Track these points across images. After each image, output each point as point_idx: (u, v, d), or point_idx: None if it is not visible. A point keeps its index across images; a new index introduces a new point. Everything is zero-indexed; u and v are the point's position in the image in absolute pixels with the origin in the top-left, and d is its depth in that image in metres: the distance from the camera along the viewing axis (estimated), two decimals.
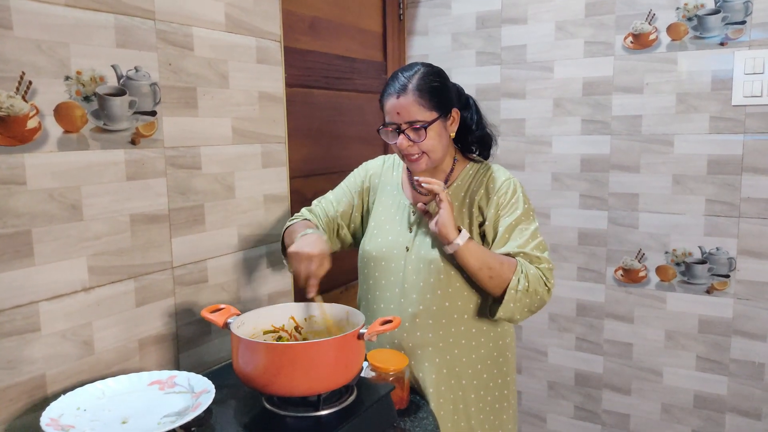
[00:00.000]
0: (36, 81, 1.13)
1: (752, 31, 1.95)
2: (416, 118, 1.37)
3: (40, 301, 1.16)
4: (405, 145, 1.39)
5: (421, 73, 1.40)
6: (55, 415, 1.06)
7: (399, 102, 1.38)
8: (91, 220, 1.24)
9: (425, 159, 1.41)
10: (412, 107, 1.37)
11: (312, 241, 1.31)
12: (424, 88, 1.38)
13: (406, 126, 1.38)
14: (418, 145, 1.39)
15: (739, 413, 2.10)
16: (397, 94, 1.38)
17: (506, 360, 1.52)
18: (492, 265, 1.33)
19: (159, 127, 1.37)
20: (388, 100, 1.40)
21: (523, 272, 1.34)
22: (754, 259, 2.03)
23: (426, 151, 1.40)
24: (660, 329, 2.20)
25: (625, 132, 2.18)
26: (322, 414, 1.14)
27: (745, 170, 2.00)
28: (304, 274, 1.27)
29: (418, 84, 1.38)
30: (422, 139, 1.38)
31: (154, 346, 1.40)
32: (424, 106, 1.38)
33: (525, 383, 2.49)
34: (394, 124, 1.39)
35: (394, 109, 1.38)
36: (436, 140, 1.40)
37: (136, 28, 1.31)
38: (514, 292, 1.33)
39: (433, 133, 1.39)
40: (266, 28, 1.66)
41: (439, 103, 1.40)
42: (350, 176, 1.64)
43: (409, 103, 1.37)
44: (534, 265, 1.37)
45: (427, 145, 1.39)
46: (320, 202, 1.61)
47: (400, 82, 1.39)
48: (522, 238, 1.39)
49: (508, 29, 2.35)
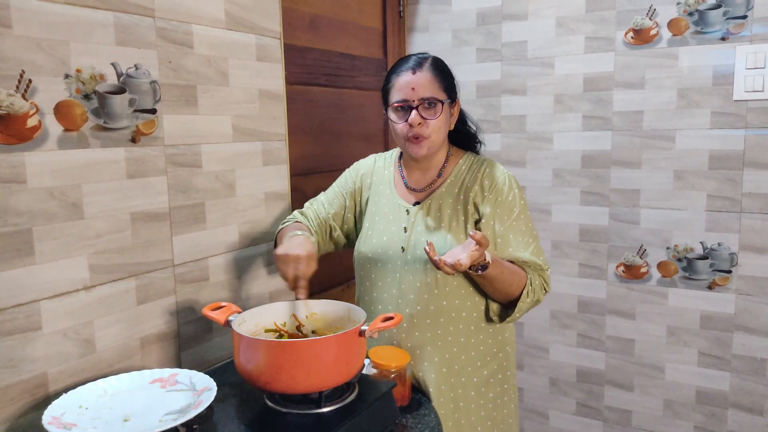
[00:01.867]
0: (36, 79, 1.13)
1: (753, 26, 1.94)
2: (432, 94, 1.37)
3: (41, 299, 1.16)
4: (417, 121, 1.37)
5: (433, 58, 1.43)
6: (57, 414, 1.06)
7: (415, 77, 1.37)
8: (91, 218, 1.24)
9: (428, 143, 1.40)
10: (429, 83, 1.37)
11: (299, 242, 1.31)
12: (439, 68, 1.41)
13: (420, 102, 1.37)
14: (427, 124, 1.38)
15: (742, 409, 2.10)
16: (413, 69, 1.38)
17: (506, 355, 1.52)
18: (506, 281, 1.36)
19: (159, 125, 1.37)
20: (400, 76, 1.39)
21: (532, 285, 1.39)
22: (755, 255, 2.02)
23: (431, 134, 1.39)
24: (662, 325, 2.20)
25: (626, 128, 2.18)
26: (323, 411, 1.14)
27: (747, 165, 2.00)
28: (292, 275, 1.27)
29: (433, 63, 1.41)
30: (437, 115, 1.38)
31: (156, 344, 1.40)
32: (439, 85, 1.39)
33: (527, 380, 2.49)
34: (406, 101, 1.38)
35: (409, 85, 1.38)
36: (442, 123, 1.41)
37: (135, 26, 1.31)
38: (522, 304, 1.39)
39: (442, 115, 1.40)
40: (266, 25, 1.65)
41: (449, 87, 1.42)
42: (341, 177, 1.63)
43: (426, 79, 1.37)
44: (537, 273, 1.42)
45: (435, 126, 1.39)
46: (312, 204, 1.60)
47: (414, 60, 1.40)
48: (524, 242, 1.42)
49: (509, 25, 2.34)
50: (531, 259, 1.41)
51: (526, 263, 1.41)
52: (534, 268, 1.42)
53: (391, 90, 1.42)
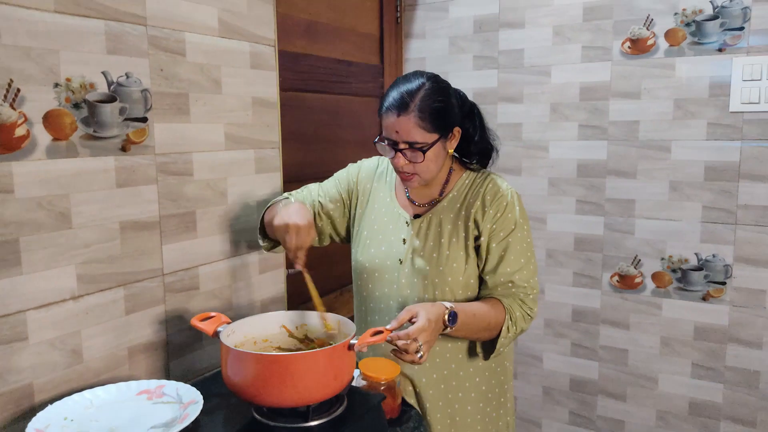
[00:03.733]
0: (24, 88, 1.12)
1: (750, 38, 1.94)
2: (416, 140, 1.31)
3: (27, 310, 1.15)
4: (401, 164, 1.34)
5: (425, 92, 1.31)
6: (41, 426, 1.05)
7: (399, 121, 1.30)
8: (80, 228, 1.23)
9: (417, 179, 1.38)
10: (412, 129, 1.30)
11: (296, 210, 1.29)
12: (426, 110, 1.30)
13: (405, 146, 1.32)
14: (413, 165, 1.35)
15: (734, 421, 2.09)
16: (398, 111, 1.30)
17: (504, 369, 1.51)
18: (483, 328, 1.34)
19: (150, 133, 1.36)
20: (387, 115, 1.33)
21: (512, 320, 1.36)
22: (750, 267, 2.02)
23: (419, 173, 1.36)
24: (655, 336, 2.19)
25: (622, 138, 2.17)
26: (311, 425, 1.13)
27: (742, 177, 1.99)
28: (295, 246, 1.25)
29: (420, 105, 1.30)
30: (420, 160, 1.33)
31: (144, 354, 1.39)
32: (425, 129, 1.31)
33: (520, 389, 2.48)
34: (392, 141, 1.34)
35: (393, 127, 1.32)
36: (432, 161, 1.36)
37: (127, 34, 1.30)
38: (504, 339, 1.36)
39: (431, 155, 1.34)
40: (260, 32, 1.65)
41: (441, 124, 1.33)
42: (344, 170, 1.59)
43: (410, 124, 1.30)
44: (519, 299, 1.38)
45: (423, 166, 1.35)
46: (304, 188, 1.58)
47: (402, 98, 1.31)
48: (514, 262, 1.38)
49: (506, 33, 2.34)
50: (519, 283, 1.38)
51: (510, 283, 1.38)
52: (515, 295, 1.38)
53: (381, 118, 1.36)
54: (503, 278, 1.38)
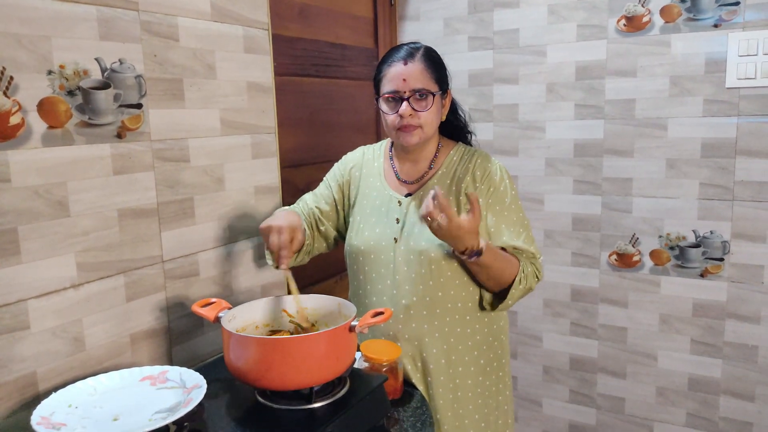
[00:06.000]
0: (17, 76, 1.11)
1: (746, 12, 1.93)
2: (423, 86, 1.37)
3: (28, 299, 1.15)
4: (408, 113, 1.37)
5: (426, 48, 1.42)
6: (46, 413, 1.05)
7: (407, 68, 1.37)
8: (78, 216, 1.23)
9: (419, 132, 1.40)
10: (420, 74, 1.37)
11: (281, 215, 1.36)
12: (430, 60, 1.40)
13: (411, 93, 1.37)
14: (419, 115, 1.38)
15: (733, 395, 2.12)
16: (405, 60, 1.38)
17: (501, 343, 1.53)
18: (499, 268, 1.37)
19: (145, 120, 1.36)
20: (392, 67, 1.39)
21: (524, 273, 1.40)
22: (747, 243, 2.02)
23: (423, 125, 1.39)
24: (654, 313, 2.20)
25: (618, 116, 2.17)
26: (314, 407, 1.14)
27: (739, 153, 1.99)
28: (275, 245, 1.29)
29: (425, 53, 1.40)
30: (428, 107, 1.38)
31: (146, 341, 1.39)
32: (431, 77, 1.38)
33: (520, 368, 2.50)
34: (397, 92, 1.38)
35: (400, 76, 1.37)
36: (434, 114, 1.41)
37: (119, 20, 1.28)
38: (515, 291, 1.40)
39: (434, 106, 1.39)
40: (253, 16, 1.63)
41: (441, 78, 1.42)
42: (331, 171, 1.62)
43: (417, 70, 1.37)
44: (529, 261, 1.43)
45: (427, 117, 1.39)
46: (300, 200, 1.60)
47: (407, 50, 1.40)
48: (515, 231, 1.43)
49: (501, 13, 2.32)
50: (524, 247, 1.42)
51: (518, 251, 1.42)
52: (526, 256, 1.43)
53: (382, 80, 1.41)
54: (507, 246, 1.42)
